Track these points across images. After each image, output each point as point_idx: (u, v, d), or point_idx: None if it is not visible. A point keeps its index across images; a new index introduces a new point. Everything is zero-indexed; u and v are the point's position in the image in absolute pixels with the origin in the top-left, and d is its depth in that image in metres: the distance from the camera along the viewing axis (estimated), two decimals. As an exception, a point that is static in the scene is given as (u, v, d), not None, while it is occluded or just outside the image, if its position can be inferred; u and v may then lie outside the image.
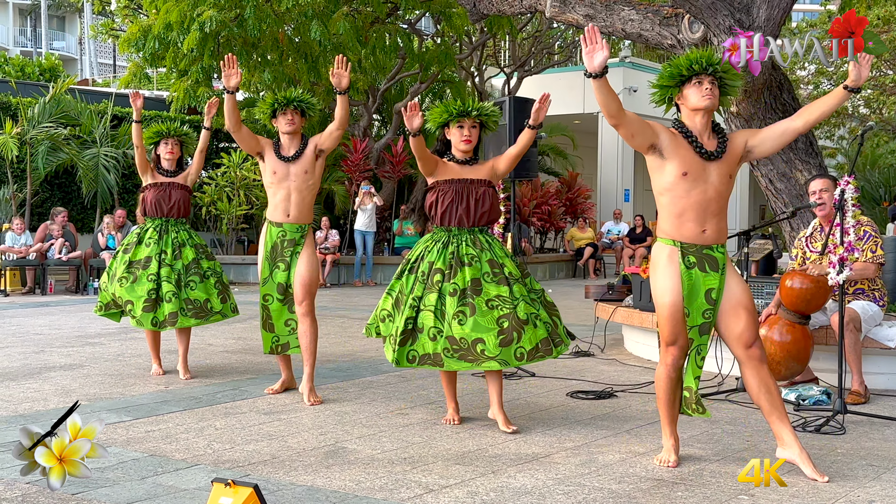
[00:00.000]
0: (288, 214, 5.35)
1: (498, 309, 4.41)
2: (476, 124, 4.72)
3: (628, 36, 7.41)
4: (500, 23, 15.44)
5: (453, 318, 4.41)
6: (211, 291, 6.01)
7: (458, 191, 4.64)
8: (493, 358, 4.38)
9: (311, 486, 3.60)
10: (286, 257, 5.36)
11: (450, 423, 4.71)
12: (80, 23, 45.70)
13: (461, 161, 4.73)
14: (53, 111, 14.68)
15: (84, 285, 13.20)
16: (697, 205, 3.83)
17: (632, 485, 3.65)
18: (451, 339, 4.41)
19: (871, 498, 3.49)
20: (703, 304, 3.85)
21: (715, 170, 3.84)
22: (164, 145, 6.15)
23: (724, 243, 3.92)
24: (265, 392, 5.49)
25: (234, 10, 12.92)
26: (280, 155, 5.35)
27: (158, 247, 5.98)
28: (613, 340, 7.84)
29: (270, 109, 5.34)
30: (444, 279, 4.50)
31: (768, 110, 6.96)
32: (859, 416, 4.87)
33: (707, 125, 3.89)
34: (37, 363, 6.60)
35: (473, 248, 4.57)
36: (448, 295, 4.46)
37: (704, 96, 3.82)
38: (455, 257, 4.55)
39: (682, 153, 3.83)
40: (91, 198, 15.05)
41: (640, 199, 22.52)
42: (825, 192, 5.61)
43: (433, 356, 4.48)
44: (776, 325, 5.38)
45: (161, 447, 4.20)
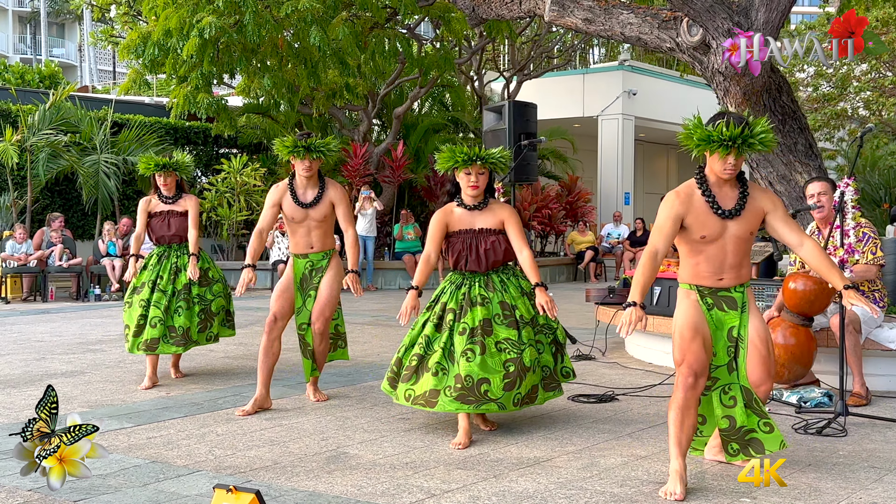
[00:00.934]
0: (311, 247, 5.45)
1: (506, 353, 4.44)
2: (484, 170, 4.70)
3: (627, 39, 7.42)
4: (499, 27, 15.45)
5: (461, 355, 4.41)
6: (193, 320, 6.02)
7: (468, 242, 4.67)
8: (494, 400, 4.39)
9: (313, 491, 3.60)
10: (315, 284, 5.44)
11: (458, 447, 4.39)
12: (79, 30, 45.77)
13: (470, 207, 4.72)
14: (53, 118, 14.70)
15: (85, 292, 13.20)
16: (714, 258, 3.80)
17: (634, 488, 3.65)
18: (457, 377, 4.39)
19: (873, 500, 3.49)
20: (726, 342, 3.83)
21: (734, 227, 3.76)
22: (158, 177, 6.23)
23: (744, 283, 3.86)
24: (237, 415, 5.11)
25: (234, 16, 12.93)
26: (297, 200, 5.39)
27: (155, 272, 6.08)
28: (614, 344, 7.84)
29: (290, 152, 5.34)
30: (455, 319, 4.53)
31: (767, 112, 6.97)
32: (860, 418, 4.86)
33: (730, 182, 3.80)
34: (38, 370, 6.60)
35: (486, 291, 4.61)
36: (458, 334, 4.48)
37: (726, 170, 3.73)
38: (466, 298, 4.59)
39: (701, 217, 3.76)
40: (91, 204, 15.06)
41: (640, 202, 22.53)
42: (824, 196, 5.60)
43: (428, 394, 4.44)
44: (779, 328, 5.38)
45: (162, 453, 4.20)
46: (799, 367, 5.34)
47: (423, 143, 17.37)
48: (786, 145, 6.99)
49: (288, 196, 5.41)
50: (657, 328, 6.63)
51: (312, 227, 5.41)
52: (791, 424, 4.78)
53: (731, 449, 3.85)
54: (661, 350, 6.87)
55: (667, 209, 3.77)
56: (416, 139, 17.36)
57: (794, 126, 7.03)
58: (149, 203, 6.25)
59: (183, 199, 6.25)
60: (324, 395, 5.54)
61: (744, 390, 3.83)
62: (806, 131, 7.13)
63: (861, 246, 5.47)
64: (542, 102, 13.09)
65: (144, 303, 5.99)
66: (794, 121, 7.07)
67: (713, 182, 3.79)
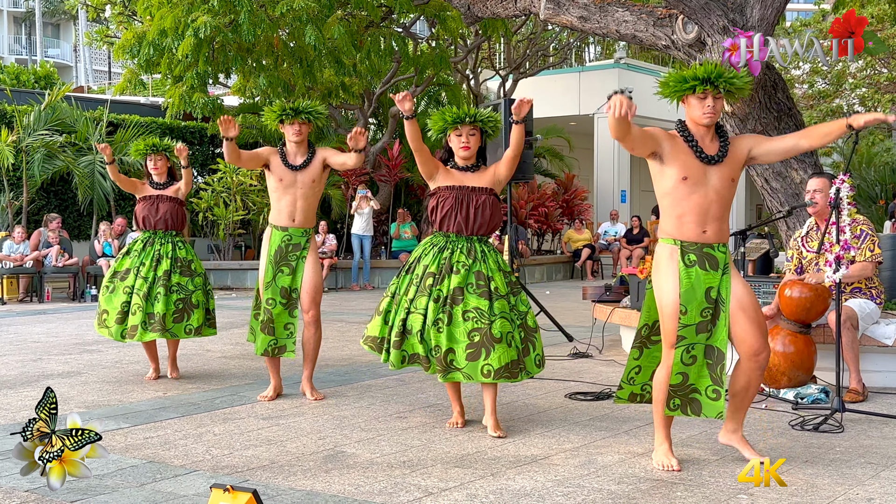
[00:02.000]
0: (293, 219, 5.42)
1: (473, 321, 4.40)
2: (475, 131, 4.69)
3: (622, 37, 7.42)
4: (494, 25, 15.45)
5: (433, 324, 4.45)
6: (169, 308, 5.96)
7: (459, 198, 4.63)
8: (459, 370, 4.40)
9: (310, 490, 3.60)
10: (291, 262, 5.41)
11: (455, 426, 4.68)
12: (74, 30, 45.70)
13: (462, 168, 4.72)
14: (49, 119, 14.68)
15: (82, 292, 13.19)
16: (698, 207, 3.84)
17: (631, 485, 3.65)
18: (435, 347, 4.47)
19: (870, 496, 3.50)
20: (703, 302, 3.83)
21: (716, 173, 3.84)
22: (149, 161, 6.24)
23: (725, 243, 3.93)
24: (258, 399, 5.48)
25: (229, 15, 12.91)
26: (287, 163, 5.41)
27: (139, 258, 6.06)
28: (611, 342, 7.84)
29: (278, 117, 5.39)
30: (433, 283, 4.52)
31: (763, 109, 6.97)
32: (857, 414, 4.87)
33: (709, 130, 3.90)
34: (35, 371, 6.59)
35: (466, 258, 4.57)
36: (432, 301, 4.49)
37: (706, 114, 3.83)
38: (447, 263, 4.56)
39: (683, 158, 3.84)
40: (87, 205, 15.04)
41: (636, 200, 22.53)
42: (818, 193, 5.61)
43: (421, 357, 4.51)
44: (778, 336, 5.38)
45: (159, 453, 4.20)
46: (801, 373, 5.34)
47: (420, 141, 17.35)
48: (781, 142, 6.99)
49: (278, 158, 5.42)
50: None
51: (299, 195, 5.39)
52: (788, 421, 4.78)
53: (671, 404, 3.94)
54: (657, 347, 6.86)
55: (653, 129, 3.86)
56: (413, 138, 17.33)
57: (789, 123, 7.04)
58: (141, 185, 6.25)
59: (174, 185, 6.25)
60: (320, 394, 5.55)
61: (713, 351, 3.87)
62: (801, 128, 7.13)
63: (858, 243, 5.48)
64: (538, 100, 13.04)
65: (129, 290, 5.95)
66: (789, 118, 7.08)
67: (694, 132, 3.89)
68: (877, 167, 17.62)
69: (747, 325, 3.84)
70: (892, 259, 6.45)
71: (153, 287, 5.96)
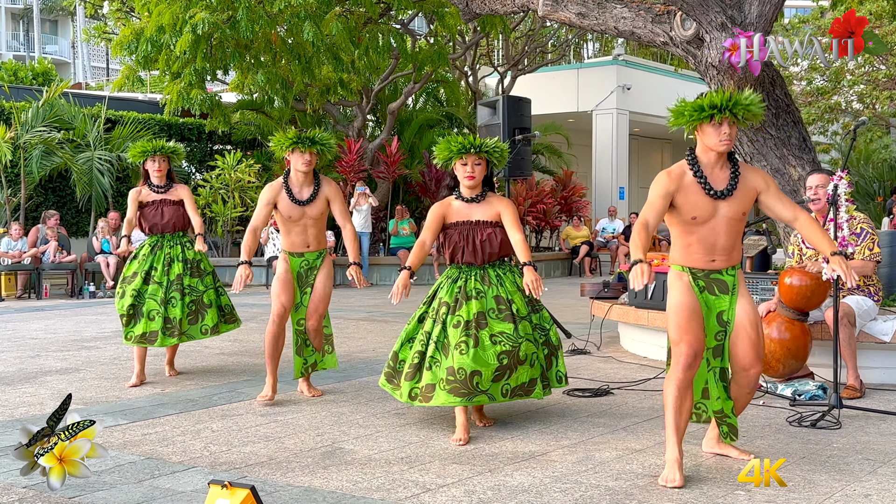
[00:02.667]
0: (308, 245, 5.45)
1: (501, 345, 4.41)
2: (480, 161, 4.66)
3: (621, 34, 7.42)
4: (492, 22, 15.43)
5: (455, 348, 4.39)
6: (183, 311, 5.96)
7: (464, 234, 4.65)
8: (484, 392, 4.38)
9: (309, 486, 3.60)
10: (310, 282, 5.46)
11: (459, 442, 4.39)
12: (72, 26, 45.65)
13: (467, 199, 4.70)
14: (47, 115, 14.66)
15: (80, 289, 13.18)
16: (706, 239, 3.80)
17: (629, 481, 3.66)
18: (449, 369, 4.37)
19: (867, 492, 3.50)
20: (716, 326, 3.85)
21: (725, 207, 3.77)
22: (151, 162, 6.14)
23: (735, 265, 3.88)
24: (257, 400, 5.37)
25: (227, 11, 12.89)
26: (294, 199, 5.36)
27: (148, 263, 6.01)
28: (609, 338, 7.85)
29: (291, 145, 5.31)
30: (448, 312, 4.52)
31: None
32: (855, 411, 4.88)
33: (720, 158, 3.80)
34: (33, 367, 6.59)
35: (482, 284, 4.59)
36: (451, 326, 4.46)
37: (722, 141, 3.73)
38: (462, 291, 4.57)
39: (692, 198, 3.76)
40: (85, 201, 15.03)
41: (634, 197, 22.54)
42: (820, 189, 5.61)
43: (425, 388, 4.43)
44: (775, 323, 5.38)
45: (157, 450, 4.20)
46: (794, 361, 5.34)
47: (418, 138, 17.36)
48: (779, 139, 7.00)
49: (284, 194, 5.36)
50: (651, 322, 6.64)
51: (309, 224, 5.40)
52: (785, 417, 4.79)
53: (722, 431, 3.99)
54: (655, 344, 6.88)
55: (658, 187, 3.79)
56: (411, 135, 17.34)
57: (787, 120, 7.04)
58: (139, 193, 6.16)
59: (175, 189, 6.19)
60: (318, 391, 5.55)
61: (726, 374, 3.91)
62: (800, 125, 7.14)
63: (858, 241, 5.48)
64: (537, 97, 13.08)
65: (135, 293, 5.90)
66: (787, 114, 7.08)
67: (705, 163, 3.81)
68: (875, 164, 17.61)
69: (745, 341, 3.84)
70: (889, 256, 6.46)
71: (168, 291, 5.94)
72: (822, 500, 3.40)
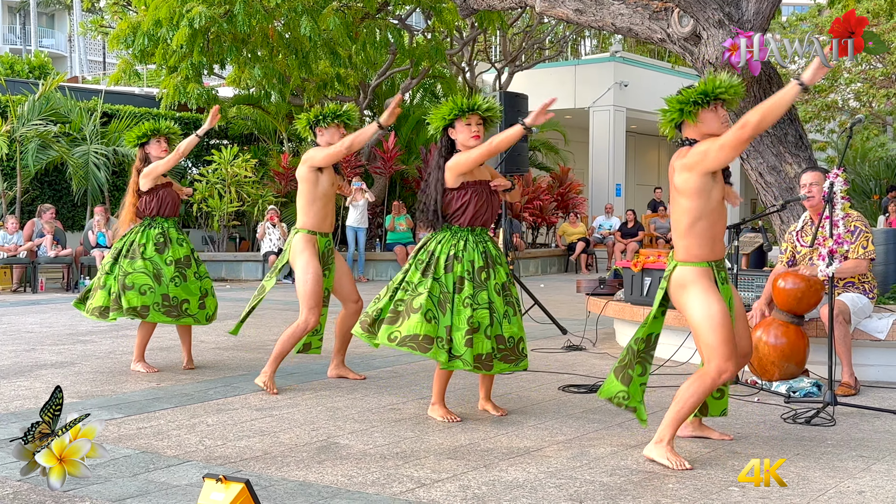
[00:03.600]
0: (332, 223, 5.55)
1: (469, 308, 4.45)
2: (481, 121, 4.67)
3: (618, 30, 7.42)
4: (490, 17, 15.42)
5: (503, 316, 4.48)
6: (194, 294, 5.96)
7: (484, 193, 4.63)
8: (526, 357, 4.58)
9: (303, 481, 3.60)
10: (329, 265, 5.53)
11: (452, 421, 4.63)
12: (69, 20, 45.53)
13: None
14: (43, 109, 14.63)
15: (75, 283, 13.16)
16: (718, 224, 3.87)
17: (623, 477, 3.66)
18: (499, 337, 4.44)
19: (861, 489, 3.51)
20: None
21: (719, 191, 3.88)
22: (156, 144, 6.05)
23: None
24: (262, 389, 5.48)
25: (224, 5, 12.88)
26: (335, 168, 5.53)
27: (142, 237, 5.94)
28: (605, 335, 7.85)
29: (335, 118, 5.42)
30: (489, 277, 4.51)
31: (758, 104, 6.97)
32: (849, 408, 4.89)
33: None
34: (28, 361, 6.58)
35: (465, 250, 4.57)
36: (496, 293, 4.49)
37: (724, 123, 3.82)
38: (490, 257, 4.58)
39: (719, 178, 3.84)
40: (81, 195, 15.01)
41: (631, 194, 22.55)
42: (815, 187, 5.62)
43: (422, 339, 4.37)
44: (770, 328, 5.38)
45: (152, 444, 4.20)
46: (792, 365, 5.34)
47: (415, 134, 17.34)
48: (776, 136, 7.00)
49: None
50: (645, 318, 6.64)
51: (331, 199, 5.51)
52: (780, 414, 4.80)
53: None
54: (651, 340, 6.88)
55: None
56: (408, 130, 17.33)
57: (784, 117, 7.04)
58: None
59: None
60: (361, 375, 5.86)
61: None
62: (796, 122, 7.14)
63: (852, 238, 5.49)
64: (534, 93, 13.04)
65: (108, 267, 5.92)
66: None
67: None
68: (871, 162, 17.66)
69: (745, 329, 4.01)
70: (885, 254, 6.47)
71: (169, 269, 5.87)
72: (816, 496, 3.41)
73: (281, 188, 15.97)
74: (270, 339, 7.79)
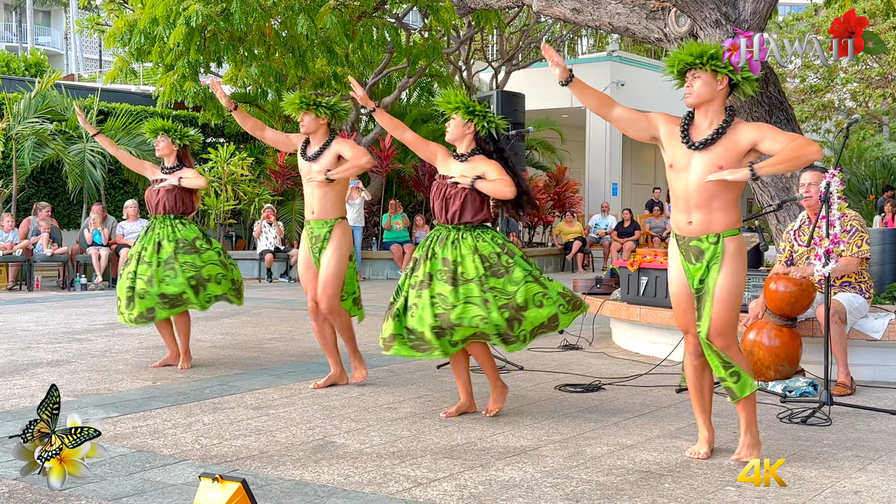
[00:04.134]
0: (313, 212, 5.47)
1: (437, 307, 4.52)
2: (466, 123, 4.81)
3: (615, 30, 7.42)
4: (487, 16, 15.42)
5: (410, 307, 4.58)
6: (183, 286, 5.99)
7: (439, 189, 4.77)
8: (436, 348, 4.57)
9: (300, 480, 3.60)
10: (315, 254, 5.49)
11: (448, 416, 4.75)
12: (65, 18, 45.43)
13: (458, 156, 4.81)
14: (39, 106, 14.58)
15: (71, 281, 13.14)
16: (682, 195, 3.81)
17: (619, 477, 3.67)
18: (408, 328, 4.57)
19: (857, 488, 3.52)
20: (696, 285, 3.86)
21: (700, 160, 3.74)
22: (158, 143, 6.29)
23: (714, 233, 3.74)
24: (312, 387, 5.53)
25: (221, 3, 12.85)
26: (304, 154, 5.49)
27: (141, 245, 6.11)
28: (601, 334, 7.86)
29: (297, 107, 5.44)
30: (413, 269, 4.65)
31: (754, 103, 6.99)
32: (845, 408, 4.89)
33: (706, 113, 3.81)
34: (23, 359, 6.57)
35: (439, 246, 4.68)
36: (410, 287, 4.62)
37: (687, 94, 3.87)
38: (429, 250, 4.67)
39: (674, 144, 3.84)
40: (77, 193, 14.97)
41: (627, 193, 22.56)
42: (813, 186, 5.62)
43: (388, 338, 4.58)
44: (764, 330, 5.42)
45: (149, 443, 4.19)
46: (786, 365, 5.39)
47: (412, 133, 17.33)
48: (773, 136, 7.01)
49: (300, 149, 5.53)
50: (643, 318, 6.65)
51: (314, 186, 5.42)
52: (776, 413, 4.80)
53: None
54: (647, 340, 6.89)
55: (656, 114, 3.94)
56: (405, 129, 17.31)
57: (780, 117, 7.05)
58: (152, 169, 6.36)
59: (180, 171, 6.24)
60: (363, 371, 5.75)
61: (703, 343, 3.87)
62: (793, 122, 7.15)
63: (847, 237, 5.50)
64: (531, 93, 13.07)
65: (132, 275, 6.00)
66: (780, 112, 7.09)
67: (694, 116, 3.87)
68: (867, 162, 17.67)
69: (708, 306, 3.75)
70: (881, 254, 6.48)
71: (158, 270, 5.96)
72: (812, 496, 3.41)
73: (277, 186, 15.95)
74: (266, 338, 7.79)
